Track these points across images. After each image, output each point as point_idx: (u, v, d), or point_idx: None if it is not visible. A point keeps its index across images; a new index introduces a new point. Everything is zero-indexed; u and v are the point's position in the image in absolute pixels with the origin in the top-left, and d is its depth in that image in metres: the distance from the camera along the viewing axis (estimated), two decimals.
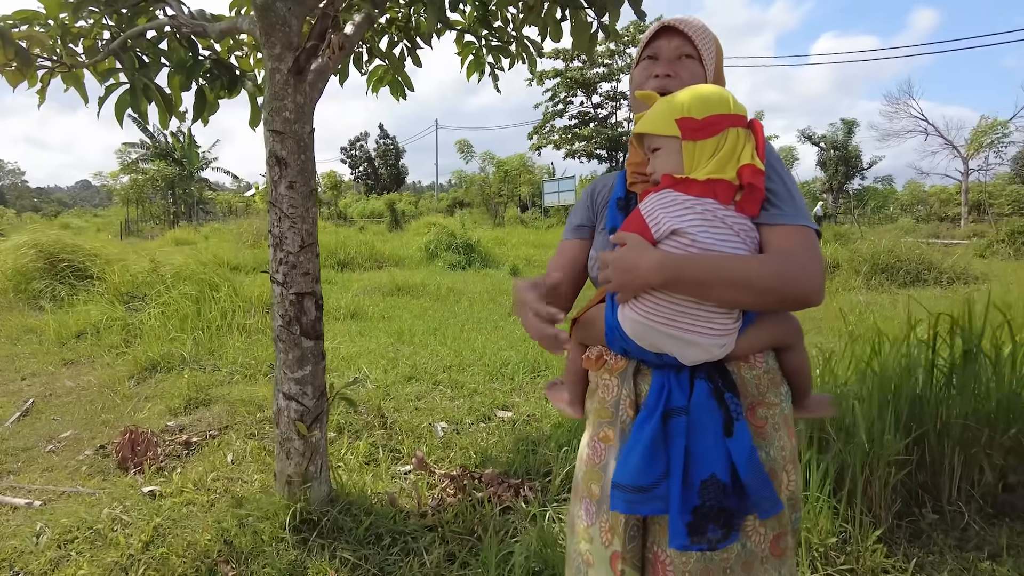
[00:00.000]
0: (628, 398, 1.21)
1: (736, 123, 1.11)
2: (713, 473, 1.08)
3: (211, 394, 4.26)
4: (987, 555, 2.35)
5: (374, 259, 13.30)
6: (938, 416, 2.65)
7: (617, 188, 1.34)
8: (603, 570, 1.21)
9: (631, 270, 1.07)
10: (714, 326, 1.08)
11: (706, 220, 1.06)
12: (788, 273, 1.05)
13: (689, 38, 1.24)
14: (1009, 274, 10.10)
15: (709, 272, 1.04)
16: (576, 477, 1.34)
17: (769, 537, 1.17)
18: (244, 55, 3.24)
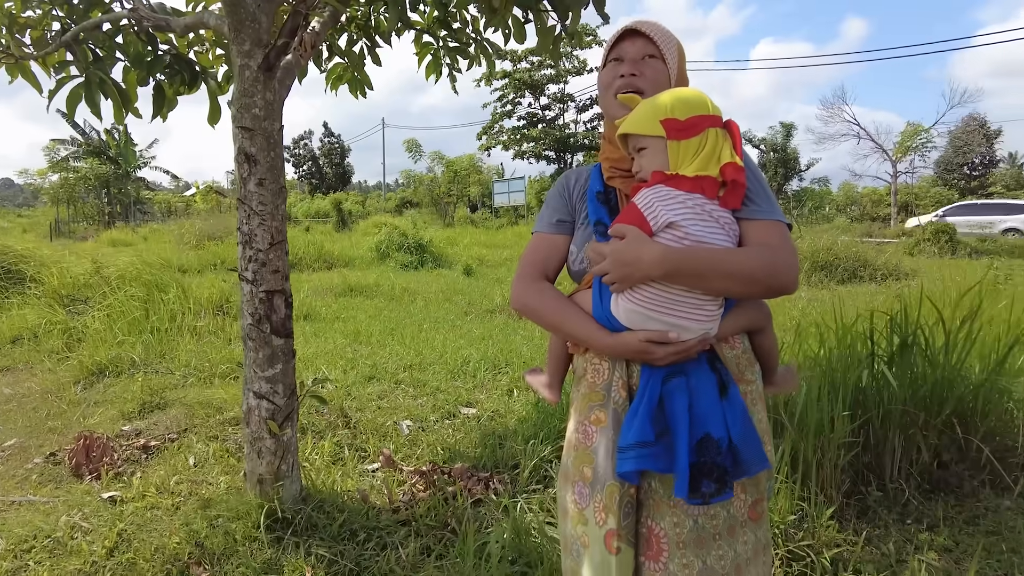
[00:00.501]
0: (621, 379, 1.26)
1: (715, 124, 1.20)
2: (708, 432, 1.16)
3: (166, 397, 4.15)
4: (925, 526, 2.53)
5: (323, 259, 13.10)
6: (880, 402, 2.83)
7: (594, 182, 1.39)
8: (598, 550, 1.25)
9: (632, 263, 1.13)
10: (703, 313, 1.17)
11: (696, 214, 1.15)
12: (773, 265, 1.16)
13: (652, 39, 1.32)
14: (935, 271, 10.70)
15: (707, 264, 1.13)
16: (565, 463, 1.38)
17: (748, 503, 1.27)
18: (205, 51, 3.18)
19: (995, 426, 3.02)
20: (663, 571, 1.23)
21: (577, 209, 1.41)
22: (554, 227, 1.41)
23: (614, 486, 1.23)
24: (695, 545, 1.23)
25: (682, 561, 1.22)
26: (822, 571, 2.23)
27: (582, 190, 1.42)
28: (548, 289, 1.35)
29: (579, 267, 1.36)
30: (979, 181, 35.94)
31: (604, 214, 1.32)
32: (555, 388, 1.53)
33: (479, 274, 11.79)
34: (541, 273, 1.38)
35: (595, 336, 1.24)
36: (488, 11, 3.15)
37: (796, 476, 2.53)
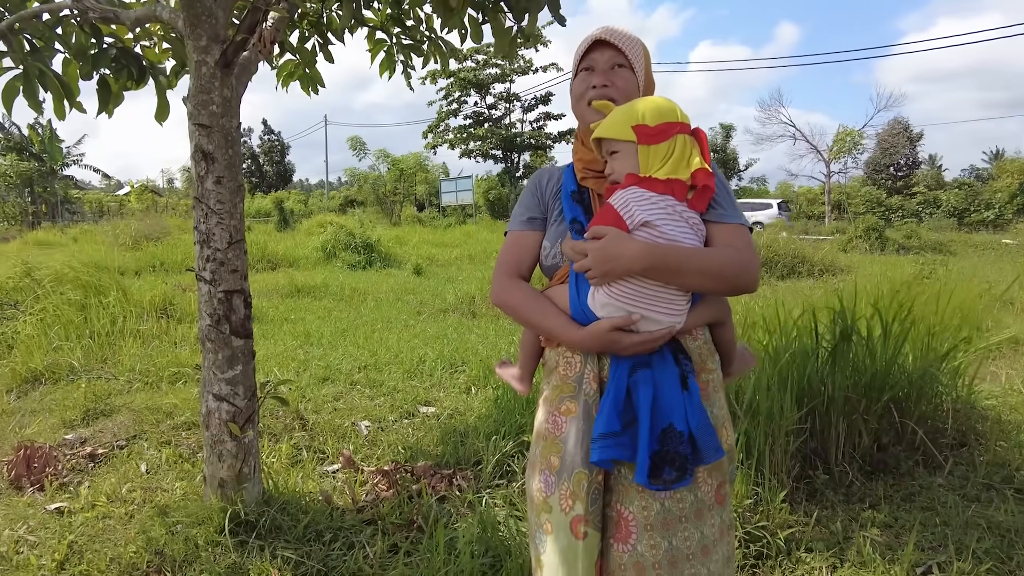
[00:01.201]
0: (592, 372, 1.32)
1: (683, 130, 1.27)
2: (671, 423, 1.23)
3: (112, 404, 4.00)
4: (868, 505, 2.69)
5: (267, 260, 12.80)
6: (825, 391, 2.99)
7: (568, 181, 1.44)
8: (563, 536, 1.29)
9: (614, 258, 1.19)
10: (673, 307, 1.25)
11: (668, 214, 1.22)
12: (739, 265, 1.25)
13: (620, 50, 1.37)
14: (867, 266, 11.28)
15: (682, 261, 1.21)
16: (533, 453, 1.42)
17: (714, 486, 1.34)
18: (152, 45, 3.08)
19: (927, 410, 3.23)
20: (631, 552, 1.28)
21: (549, 206, 1.46)
22: (526, 224, 1.45)
23: (582, 473, 1.28)
24: (662, 527, 1.28)
25: (649, 542, 1.28)
26: (777, 551, 2.34)
27: (555, 188, 1.46)
28: (523, 286, 1.40)
29: (552, 262, 1.40)
30: (904, 181, 37.88)
31: (579, 212, 1.37)
32: (526, 380, 1.58)
33: (430, 273, 11.74)
34: (516, 270, 1.42)
35: (566, 330, 1.29)
36: (444, 11, 3.17)
37: (750, 462, 2.64)
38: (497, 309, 1.47)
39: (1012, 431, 3.41)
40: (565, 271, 1.35)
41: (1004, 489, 2.78)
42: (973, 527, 2.49)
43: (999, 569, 2.23)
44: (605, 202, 1.27)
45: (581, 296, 1.27)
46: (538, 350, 1.51)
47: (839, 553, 2.35)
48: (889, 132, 38.90)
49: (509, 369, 1.63)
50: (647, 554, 1.28)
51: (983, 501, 2.71)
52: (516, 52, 3.31)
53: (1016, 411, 3.76)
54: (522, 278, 1.42)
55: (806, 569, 2.27)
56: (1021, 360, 5.10)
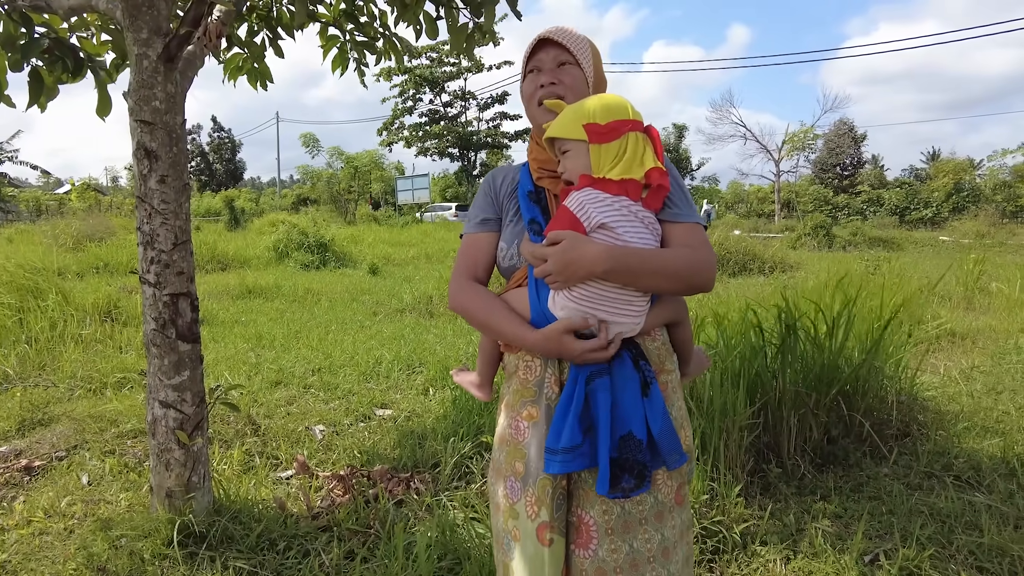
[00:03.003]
0: (553, 376, 1.30)
1: (635, 128, 1.26)
2: (631, 430, 1.22)
3: (50, 412, 3.81)
4: (819, 497, 2.76)
5: (216, 260, 12.44)
6: (776, 386, 3.06)
7: (525, 181, 1.41)
8: (530, 542, 1.28)
9: (575, 261, 1.17)
10: (632, 309, 1.24)
11: (624, 216, 1.21)
12: (697, 265, 1.25)
13: (565, 47, 1.36)
14: (815, 262, 11.63)
15: (642, 262, 1.20)
16: (497, 458, 1.39)
17: (674, 488, 1.34)
18: (90, 36, 2.94)
19: (873, 403, 3.34)
20: (592, 557, 1.28)
21: (504, 207, 1.43)
22: (480, 226, 1.43)
23: (546, 480, 1.26)
24: (622, 530, 1.28)
25: (610, 547, 1.28)
26: (733, 545, 2.38)
27: (510, 188, 1.44)
28: (479, 290, 1.37)
29: (509, 263, 1.38)
30: (849, 180, 39.24)
31: (537, 213, 1.35)
32: (485, 386, 1.55)
33: (386, 273, 11.60)
34: (472, 274, 1.40)
35: (521, 332, 1.28)
36: (399, 6, 3.12)
37: (706, 458, 2.68)
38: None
39: (951, 421, 3.55)
40: (523, 273, 1.33)
41: (944, 477, 2.89)
42: (916, 514, 2.58)
43: (940, 554, 2.31)
44: (560, 204, 1.25)
45: (542, 300, 1.26)
46: (497, 355, 1.48)
47: (792, 545, 2.40)
48: (835, 133, 40.25)
49: (467, 375, 1.61)
50: (608, 559, 1.27)
51: (925, 489, 2.81)
52: (473, 49, 3.28)
53: (954, 401, 3.92)
54: (479, 281, 1.40)
55: (761, 562, 2.31)
56: (958, 352, 5.33)
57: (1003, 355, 5.09)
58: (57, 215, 19.71)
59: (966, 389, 4.17)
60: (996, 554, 2.28)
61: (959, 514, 2.55)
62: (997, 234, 19.61)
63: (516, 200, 1.42)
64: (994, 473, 2.89)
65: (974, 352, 5.29)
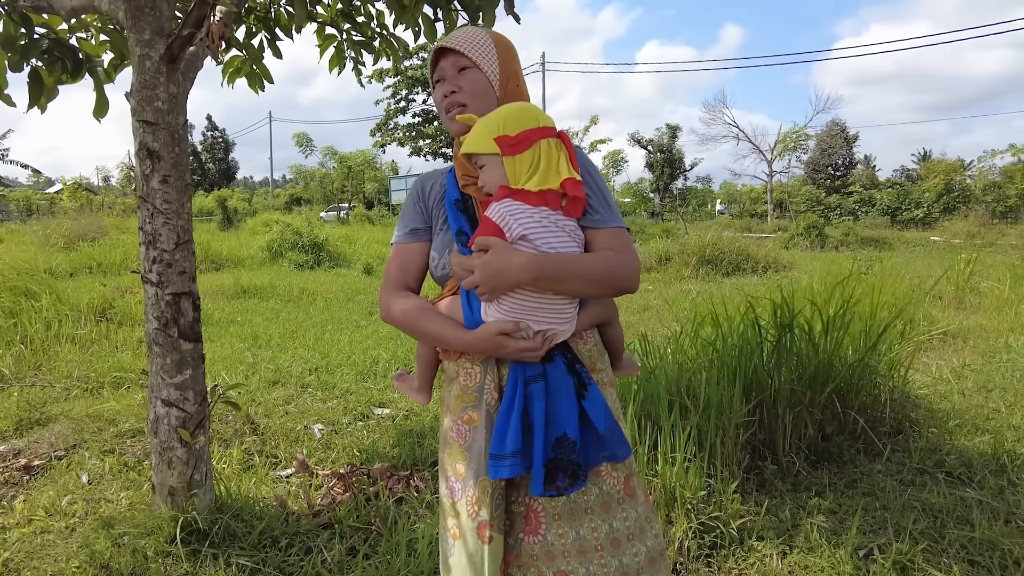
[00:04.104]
0: (492, 382, 1.32)
1: (546, 135, 1.27)
2: (565, 432, 1.25)
3: (48, 412, 3.81)
4: (814, 493, 2.80)
5: (210, 260, 12.42)
6: (771, 384, 3.10)
7: (451, 189, 1.41)
8: (471, 540, 1.30)
9: (502, 272, 1.19)
10: (562, 315, 1.27)
11: (545, 227, 1.23)
12: (618, 269, 1.28)
13: (462, 53, 1.36)
14: (808, 262, 11.71)
15: (565, 269, 1.22)
16: (441, 459, 1.42)
17: (621, 479, 1.37)
18: (89, 37, 2.95)
19: (867, 400, 3.38)
20: (541, 542, 1.32)
21: (434, 215, 1.43)
22: (409, 236, 1.43)
23: (487, 480, 1.29)
24: (568, 517, 1.32)
25: (558, 531, 1.31)
26: (730, 540, 2.42)
27: (438, 196, 1.44)
28: (411, 299, 1.38)
29: (442, 272, 1.39)
30: (841, 181, 39.48)
31: (464, 223, 1.35)
32: (425, 391, 1.56)
33: (380, 272, 11.60)
34: (402, 283, 1.41)
35: (454, 335, 1.30)
36: (398, 8, 3.14)
37: (702, 455, 2.71)
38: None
39: (942, 418, 3.60)
40: (454, 283, 1.34)
41: (936, 473, 2.94)
42: (909, 510, 2.62)
43: (933, 548, 2.35)
44: (482, 215, 1.27)
45: (474, 310, 1.27)
46: (435, 361, 1.49)
47: (788, 540, 2.44)
48: (827, 133, 40.49)
49: (407, 381, 1.60)
50: (556, 543, 1.31)
51: (918, 485, 2.85)
52: None
53: (946, 399, 3.98)
54: (411, 291, 1.41)
55: (758, 557, 2.34)
56: (950, 351, 5.39)
57: (993, 354, 5.15)
58: (48, 215, 19.60)
59: (957, 387, 4.22)
60: (987, 548, 2.33)
61: (951, 509, 2.60)
62: (987, 234, 19.77)
63: (444, 208, 1.42)
64: (985, 469, 2.94)
65: (965, 351, 5.35)
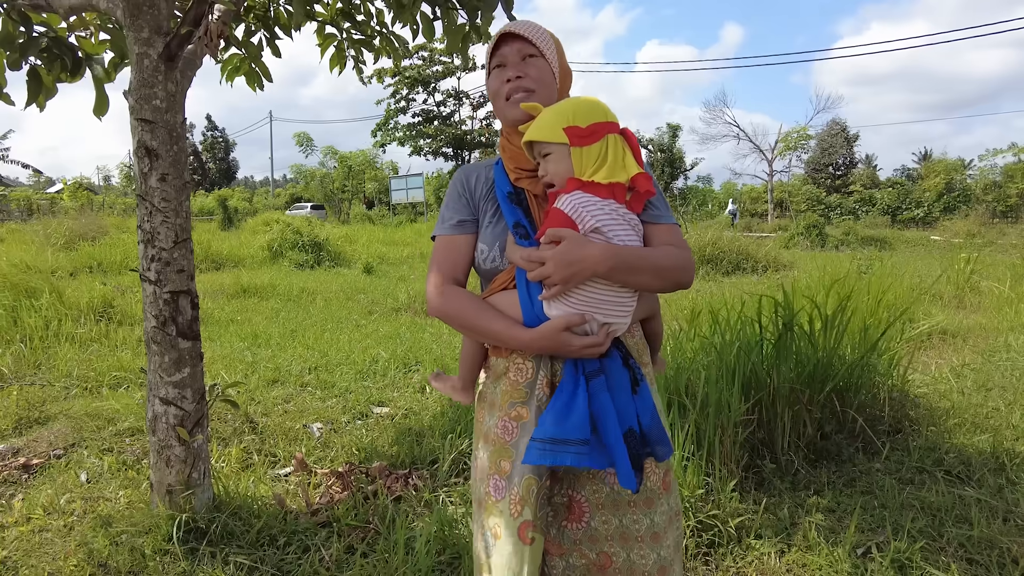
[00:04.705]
0: (545, 377, 1.31)
1: (612, 130, 1.28)
2: (630, 426, 1.25)
3: (47, 411, 3.81)
4: (813, 492, 2.80)
5: (211, 259, 12.42)
6: (771, 382, 3.09)
7: (502, 182, 1.39)
8: (511, 540, 1.28)
9: (578, 262, 1.18)
10: (626, 308, 1.27)
11: (613, 219, 1.23)
12: (682, 263, 1.30)
13: (528, 39, 1.35)
14: (808, 262, 11.69)
15: (641, 260, 1.23)
16: (480, 457, 1.39)
17: (660, 475, 1.37)
18: (88, 35, 2.95)
19: (866, 399, 3.38)
20: (585, 528, 1.32)
21: (481, 207, 1.41)
22: (456, 228, 1.40)
23: (531, 479, 1.27)
24: (611, 507, 1.32)
25: (601, 519, 1.32)
26: (728, 539, 2.42)
27: (485, 188, 1.43)
28: (463, 293, 1.36)
29: (491, 265, 1.37)
30: (842, 180, 39.47)
31: (520, 215, 1.34)
32: (468, 390, 1.52)
33: (380, 272, 11.61)
34: (452, 277, 1.37)
35: (514, 332, 1.27)
36: (396, 7, 3.14)
37: (701, 453, 2.71)
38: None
39: (942, 417, 3.60)
40: (507, 276, 1.33)
41: (935, 471, 2.93)
42: (908, 508, 2.62)
43: (931, 546, 2.35)
44: (551, 207, 1.26)
45: (535, 303, 1.25)
46: (482, 357, 1.46)
47: (786, 538, 2.44)
48: (828, 133, 40.48)
49: (447, 380, 1.57)
50: (600, 528, 1.32)
51: (916, 483, 2.85)
52: (468, 50, 3.30)
53: (945, 398, 3.97)
54: (459, 284, 1.38)
55: (756, 555, 2.34)
56: (949, 350, 5.39)
57: (993, 353, 5.14)
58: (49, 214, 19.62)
59: (957, 386, 4.22)
60: (985, 546, 2.33)
61: (949, 508, 2.60)
62: (987, 233, 19.75)
63: (494, 201, 1.40)
64: (984, 468, 2.94)
65: (965, 350, 5.35)
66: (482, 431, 1.41)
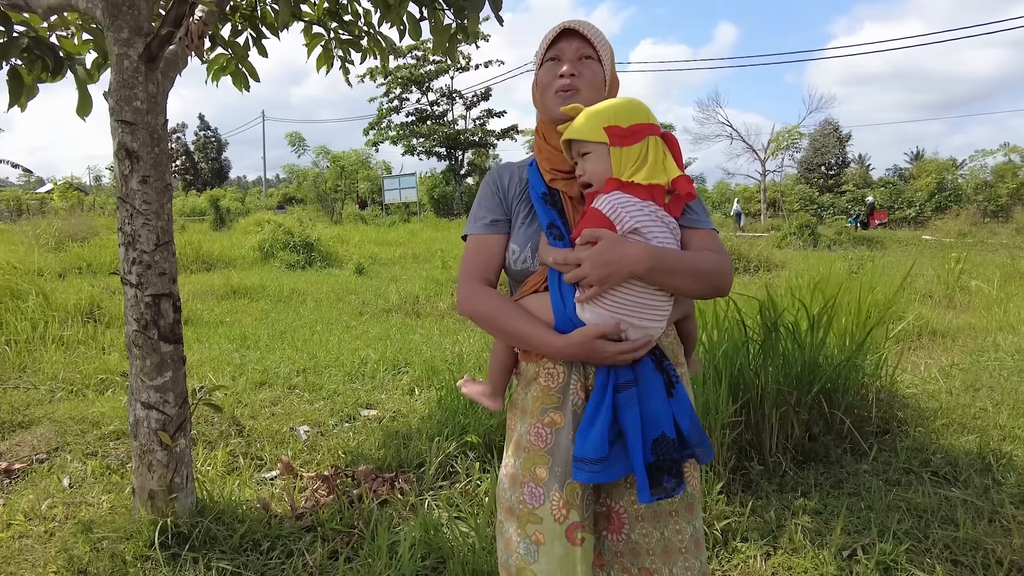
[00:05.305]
0: (579, 381, 1.29)
1: (653, 132, 1.26)
2: (663, 432, 1.22)
3: (31, 414, 3.77)
4: (800, 493, 2.80)
5: (202, 260, 12.33)
6: (758, 383, 3.09)
7: (536, 183, 1.37)
8: (558, 544, 1.27)
9: (615, 262, 1.16)
10: (660, 312, 1.24)
11: (652, 221, 1.21)
12: (721, 268, 1.27)
13: (588, 40, 1.34)
14: (801, 262, 11.73)
15: (677, 263, 1.21)
16: (513, 465, 1.37)
17: (698, 478, 1.36)
18: (70, 35, 2.92)
19: (854, 400, 3.39)
20: (626, 541, 1.31)
21: (514, 208, 1.39)
22: (489, 228, 1.38)
23: (575, 483, 1.25)
24: (652, 518, 1.30)
25: (642, 531, 1.30)
26: (715, 541, 2.41)
27: (519, 189, 1.41)
28: (495, 294, 1.33)
29: (522, 266, 1.35)
30: (834, 180, 39.62)
31: (555, 216, 1.31)
32: (498, 396, 1.49)
33: (372, 273, 11.56)
34: (483, 277, 1.35)
35: (547, 338, 1.24)
36: (383, 7, 3.12)
37: None
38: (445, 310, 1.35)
39: (929, 417, 3.61)
40: (539, 278, 1.30)
41: (922, 472, 2.94)
42: (894, 510, 2.62)
43: (916, 548, 2.35)
44: (589, 207, 1.24)
45: (568, 305, 1.23)
46: (512, 362, 1.43)
47: (772, 541, 2.43)
48: (821, 132, 40.64)
49: (476, 386, 1.54)
50: (641, 541, 1.30)
51: (903, 484, 2.85)
52: (456, 50, 3.28)
53: (933, 398, 3.98)
54: (490, 284, 1.36)
55: (742, 558, 2.34)
56: (938, 350, 5.40)
57: (981, 353, 5.17)
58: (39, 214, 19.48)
59: (945, 386, 4.23)
60: (970, 548, 2.33)
61: (935, 509, 2.60)
62: (978, 233, 19.89)
63: (527, 201, 1.38)
64: (970, 468, 2.95)
65: (954, 350, 5.37)
66: (514, 439, 1.39)
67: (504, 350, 1.41)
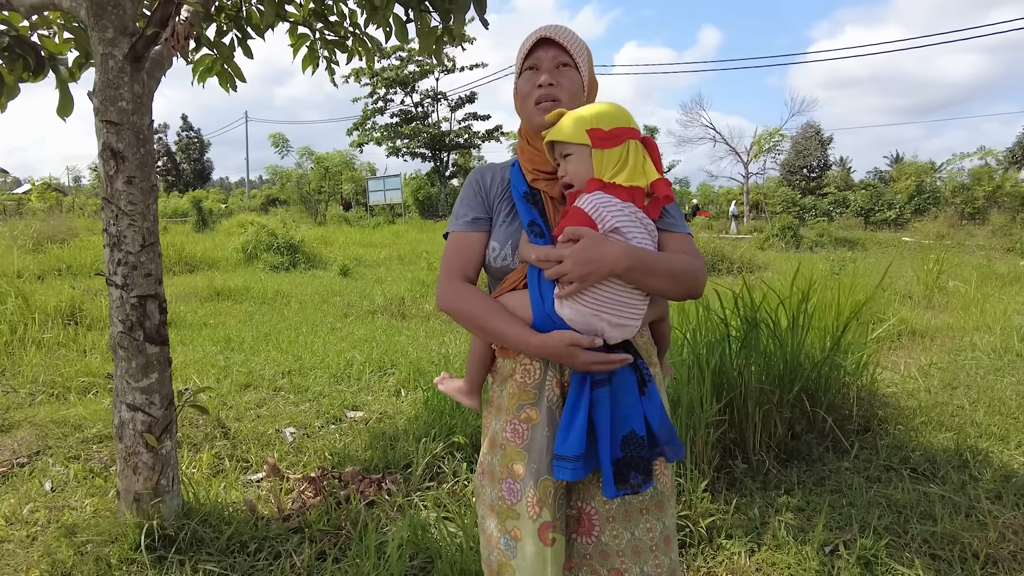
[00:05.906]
0: (555, 378, 1.30)
1: (634, 136, 1.29)
2: (633, 429, 1.25)
3: (11, 418, 3.72)
4: (783, 491, 2.84)
5: (184, 262, 12.22)
6: (741, 383, 3.13)
7: (518, 182, 1.39)
8: (532, 542, 1.28)
9: (596, 260, 1.18)
10: (636, 311, 1.27)
11: (632, 222, 1.24)
12: (696, 270, 1.30)
13: (565, 48, 1.36)
14: (783, 263, 11.86)
15: (657, 263, 1.23)
16: (490, 461, 1.39)
17: (669, 476, 1.38)
18: (51, 34, 2.89)
19: (835, 399, 3.44)
20: (595, 543, 1.32)
21: (495, 207, 1.41)
22: (471, 225, 1.40)
23: (548, 480, 1.27)
24: (623, 518, 1.32)
25: (612, 533, 1.31)
26: (699, 539, 2.44)
27: (501, 188, 1.43)
28: (474, 291, 1.35)
29: (501, 264, 1.37)
30: (816, 182, 40.06)
31: (536, 215, 1.33)
32: (475, 393, 1.51)
33: (357, 274, 11.52)
34: (463, 274, 1.37)
35: (523, 336, 1.26)
36: (369, 8, 3.13)
37: None
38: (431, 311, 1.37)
39: (909, 415, 3.68)
40: (518, 275, 1.32)
41: (902, 469, 2.99)
42: (875, 506, 2.67)
43: (896, 543, 2.40)
44: (571, 205, 1.26)
45: (546, 303, 1.25)
46: (490, 359, 1.45)
47: (756, 538, 2.47)
48: (803, 135, 41.08)
49: (454, 383, 1.56)
50: (611, 543, 1.31)
51: (883, 481, 2.90)
52: (442, 51, 3.29)
53: (913, 396, 4.06)
54: (470, 281, 1.37)
55: (726, 555, 2.37)
56: (918, 349, 5.50)
57: (959, 352, 5.27)
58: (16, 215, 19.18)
59: (924, 385, 4.31)
60: (948, 542, 2.38)
61: (914, 505, 2.65)
62: (956, 235, 20.21)
63: (509, 200, 1.40)
64: (948, 465, 3.01)
65: (932, 349, 5.47)
66: (489, 435, 1.40)
67: (482, 347, 1.43)
